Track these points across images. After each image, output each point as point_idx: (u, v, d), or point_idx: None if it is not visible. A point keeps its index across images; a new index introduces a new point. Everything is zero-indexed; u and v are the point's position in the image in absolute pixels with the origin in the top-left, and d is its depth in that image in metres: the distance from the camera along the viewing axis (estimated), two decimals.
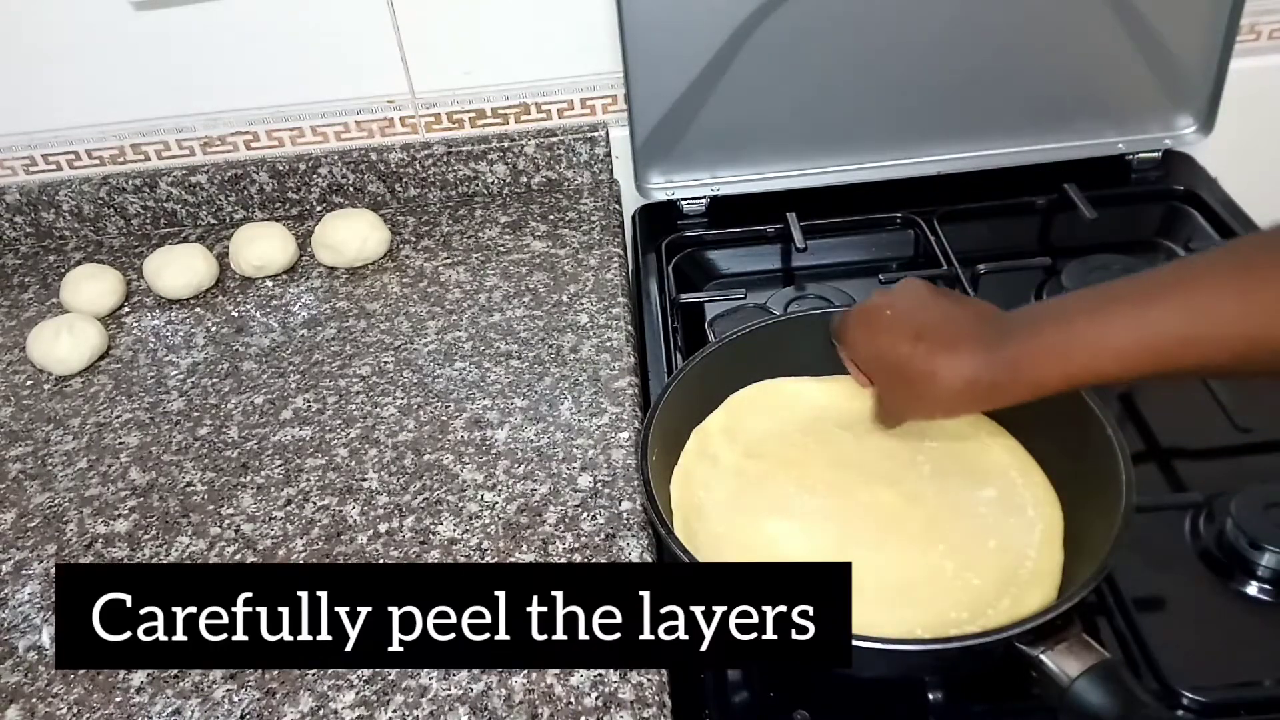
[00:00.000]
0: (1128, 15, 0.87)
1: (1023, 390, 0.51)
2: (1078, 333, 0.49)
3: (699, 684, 0.56)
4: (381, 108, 0.95)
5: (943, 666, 0.53)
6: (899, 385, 0.57)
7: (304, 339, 0.83)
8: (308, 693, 0.56)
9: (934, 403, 0.55)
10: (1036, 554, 0.56)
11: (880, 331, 0.57)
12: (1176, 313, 0.47)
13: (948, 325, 0.55)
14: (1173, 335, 0.47)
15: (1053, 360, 0.50)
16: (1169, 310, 0.47)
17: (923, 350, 0.54)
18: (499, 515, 0.65)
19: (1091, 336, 0.49)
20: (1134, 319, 0.48)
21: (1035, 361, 0.50)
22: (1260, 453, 0.67)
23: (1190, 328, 0.47)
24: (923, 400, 0.55)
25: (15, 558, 0.67)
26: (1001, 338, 0.51)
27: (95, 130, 0.95)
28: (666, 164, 0.94)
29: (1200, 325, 0.47)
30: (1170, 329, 0.47)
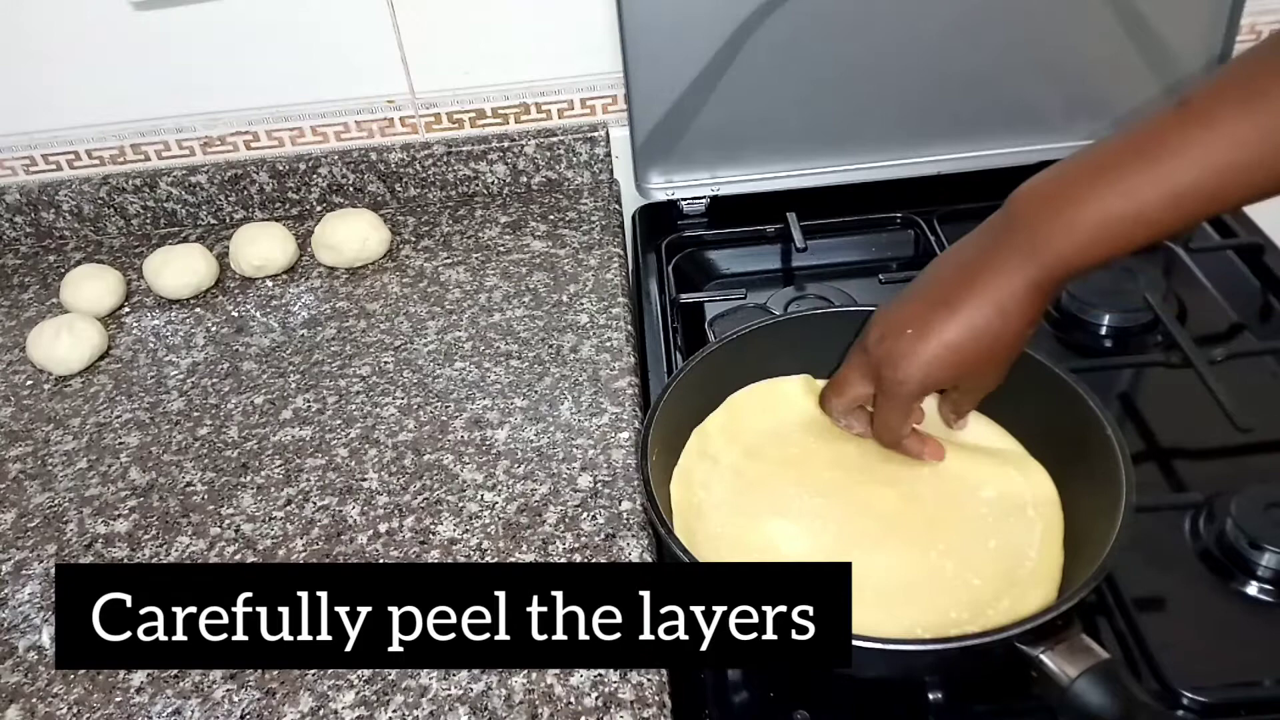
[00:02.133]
0: (1128, 15, 0.87)
1: (1064, 281, 0.51)
2: (1111, 211, 0.48)
3: (699, 684, 0.56)
4: (381, 108, 0.95)
5: (943, 666, 0.53)
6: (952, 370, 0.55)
7: (304, 339, 0.83)
8: (308, 693, 0.56)
9: (994, 349, 0.53)
10: (1036, 554, 0.56)
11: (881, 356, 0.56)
12: (1202, 151, 0.46)
13: (939, 275, 0.55)
14: (1208, 174, 0.46)
15: (1091, 248, 0.49)
16: (1196, 151, 0.46)
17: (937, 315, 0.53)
18: (499, 515, 0.65)
19: (1125, 209, 0.48)
20: (1160, 176, 0.47)
21: (1070, 255, 0.50)
22: (1260, 453, 0.67)
23: (1222, 161, 0.46)
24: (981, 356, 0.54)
25: (15, 558, 0.67)
26: (1020, 236, 0.51)
27: (95, 130, 0.95)
28: (666, 164, 0.94)
29: (1228, 155, 0.46)
30: (1203, 169, 0.46)
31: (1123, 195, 0.48)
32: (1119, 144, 0.49)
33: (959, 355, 0.54)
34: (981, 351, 0.54)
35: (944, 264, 0.56)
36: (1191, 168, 0.47)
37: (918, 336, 0.54)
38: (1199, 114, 0.47)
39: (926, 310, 0.55)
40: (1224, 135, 0.46)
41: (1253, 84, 0.46)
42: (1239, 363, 0.71)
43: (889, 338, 0.56)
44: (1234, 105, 0.46)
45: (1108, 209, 0.49)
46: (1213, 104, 0.47)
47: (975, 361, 0.54)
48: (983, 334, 0.53)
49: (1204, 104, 0.47)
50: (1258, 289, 0.81)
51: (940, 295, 0.54)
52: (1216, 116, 0.46)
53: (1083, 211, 0.49)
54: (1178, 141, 0.47)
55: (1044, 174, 0.52)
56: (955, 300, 0.53)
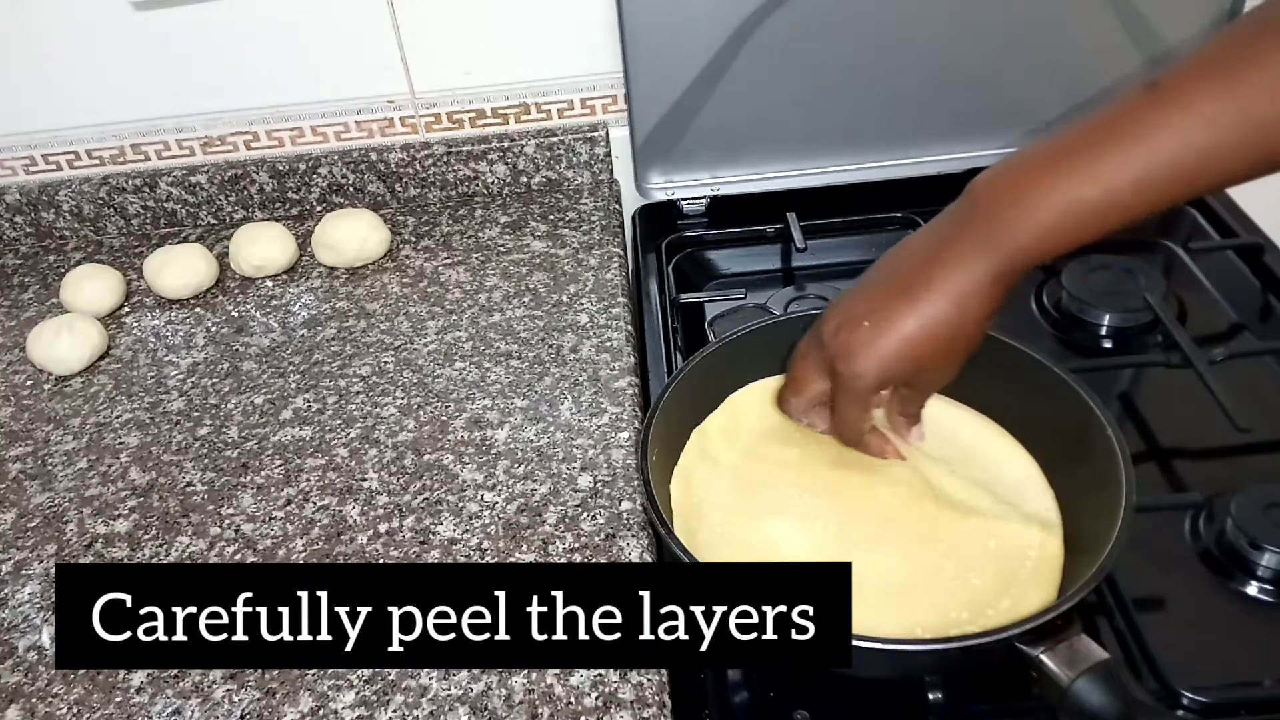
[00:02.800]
0: (1128, 15, 0.87)
1: (1026, 270, 0.50)
2: (1080, 196, 0.46)
3: (699, 684, 0.56)
4: (381, 108, 0.95)
5: (943, 666, 0.53)
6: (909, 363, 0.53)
7: (304, 339, 0.83)
8: (308, 693, 0.56)
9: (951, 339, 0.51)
10: (1036, 554, 0.56)
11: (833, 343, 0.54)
12: (1178, 132, 0.45)
13: (896, 266, 0.53)
14: (1179, 161, 0.45)
15: (1054, 235, 0.48)
16: (1169, 133, 0.45)
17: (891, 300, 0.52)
18: (499, 515, 0.65)
19: (1086, 189, 0.46)
20: (1131, 155, 0.45)
21: (1031, 243, 0.48)
22: (1260, 453, 0.67)
23: (1196, 148, 0.44)
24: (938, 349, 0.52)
25: (15, 558, 0.67)
26: (983, 223, 0.49)
27: (95, 130, 0.95)
28: (666, 164, 0.94)
29: (1208, 142, 0.44)
30: (1178, 151, 0.45)
31: (1089, 180, 0.46)
32: (1085, 127, 0.48)
33: (917, 348, 0.52)
34: (940, 344, 0.52)
35: (902, 252, 0.54)
36: (1163, 150, 0.45)
37: (874, 329, 0.53)
38: (1171, 95, 0.45)
39: (884, 301, 0.53)
40: (1197, 116, 0.44)
41: (1226, 64, 0.45)
42: (1239, 363, 0.71)
43: (845, 330, 0.54)
44: (1208, 86, 0.45)
45: (1072, 194, 0.47)
46: (1186, 85, 0.45)
47: (933, 354, 0.53)
48: (941, 326, 0.51)
49: (1176, 85, 0.45)
50: (1258, 289, 0.81)
51: (898, 285, 0.53)
52: (1189, 98, 0.45)
53: (1046, 198, 0.47)
54: (1149, 123, 0.45)
55: (1006, 159, 0.50)
56: (913, 290, 0.52)
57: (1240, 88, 0.44)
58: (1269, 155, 0.44)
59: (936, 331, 0.52)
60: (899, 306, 0.52)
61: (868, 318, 0.53)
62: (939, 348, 0.52)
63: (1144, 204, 0.46)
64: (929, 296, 0.51)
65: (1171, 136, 0.45)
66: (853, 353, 0.54)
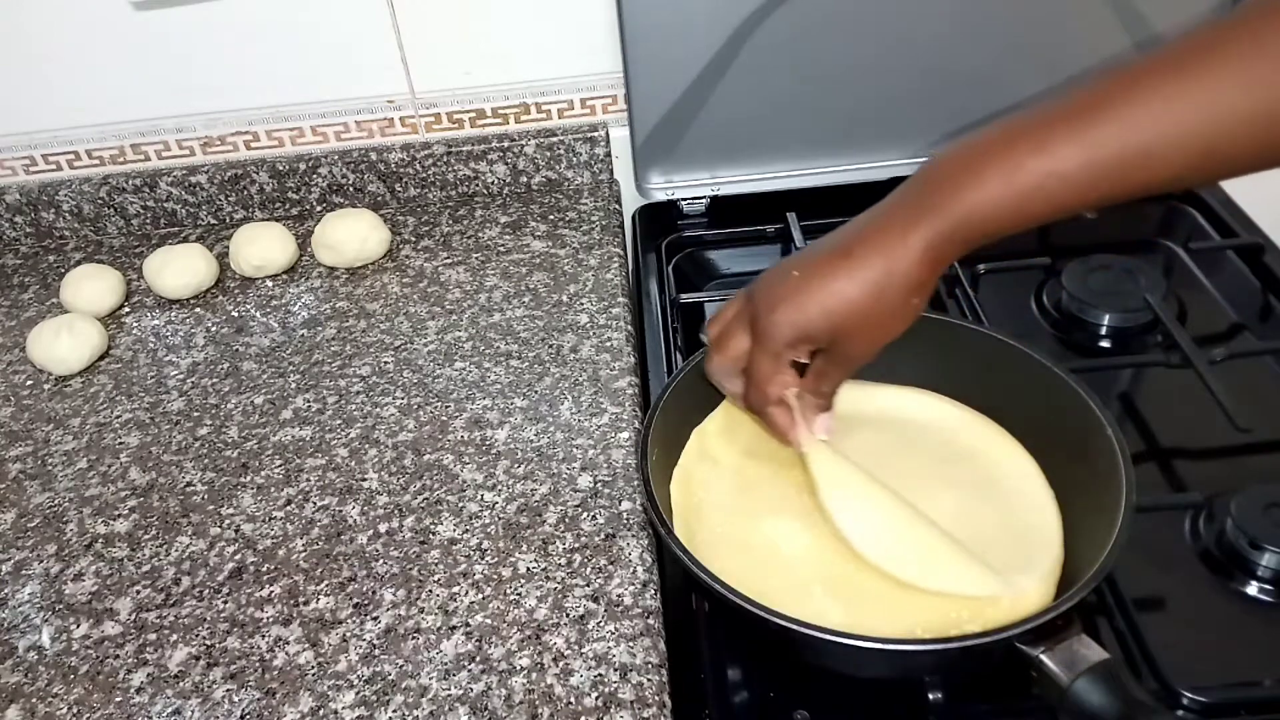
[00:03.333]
0: (1128, 15, 0.87)
1: (965, 244, 0.48)
2: (1023, 165, 0.45)
3: (699, 684, 0.56)
4: (381, 108, 0.95)
5: (943, 666, 0.53)
6: (837, 332, 0.52)
7: (304, 339, 0.83)
8: (308, 693, 0.56)
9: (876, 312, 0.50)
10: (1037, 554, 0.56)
11: (759, 305, 0.53)
12: (1125, 124, 0.44)
13: (842, 230, 0.52)
14: (1128, 150, 0.44)
15: (998, 208, 0.46)
16: (1120, 123, 0.44)
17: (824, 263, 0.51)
18: (499, 515, 0.65)
19: (1039, 166, 0.45)
20: (1083, 140, 0.45)
21: (973, 213, 0.47)
22: (1260, 453, 0.67)
23: (1142, 140, 0.43)
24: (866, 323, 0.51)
25: (15, 558, 0.67)
26: (928, 193, 0.49)
27: (95, 130, 0.95)
28: (666, 164, 0.94)
29: (1151, 135, 0.43)
30: (1122, 144, 0.44)
31: (1036, 157, 0.45)
32: (1044, 109, 0.47)
33: (840, 305, 0.51)
34: (863, 307, 0.51)
35: (851, 221, 0.53)
36: (1112, 138, 0.44)
37: (802, 279, 0.52)
38: (1127, 85, 0.45)
39: (817, 257, 0.52)
40: (1145, 108, 0.44)
41: (1181, 60, 0.44)
42: (1239, 363, 0.71)
43: (774, 280, 0.54)
44: (1161, 79, 0.44)
45: (1018, 169, 0.46)
46: (1142, 76, 0.44)
47: (854, 316, 0.51)
48: (868, 285, 0.50)
49: (1134, 75, 0.45)
50: (1258, 289, 0.81)
51: (836, 245, 0.52)
52: (1143, 89, 0.44)
53: (992, 171, 0.46)
54: (1102, 110, 0.45)
55: (967, 136, 0.49)
56: (849, 249, 0.51)
57: (1190, 85, 0.43)
58: (1211, 155, 0.44)
59: (863, 290, 0.50)
60: (830, 261, 0.51)
61: (798, 268, 0.53)
62: (862, 309, 0.51)
63: (1093, 189, 0.45)
64: (862, 255, 0.50)
65: (1121, 125, 0.44)
66: (774, 303, 0.53)
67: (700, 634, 0.59)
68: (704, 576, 0.51)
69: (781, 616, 0.49)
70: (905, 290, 0.50)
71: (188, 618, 0.61)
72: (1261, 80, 0.42)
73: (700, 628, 0.59)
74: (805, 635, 0.49)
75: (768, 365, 0.55)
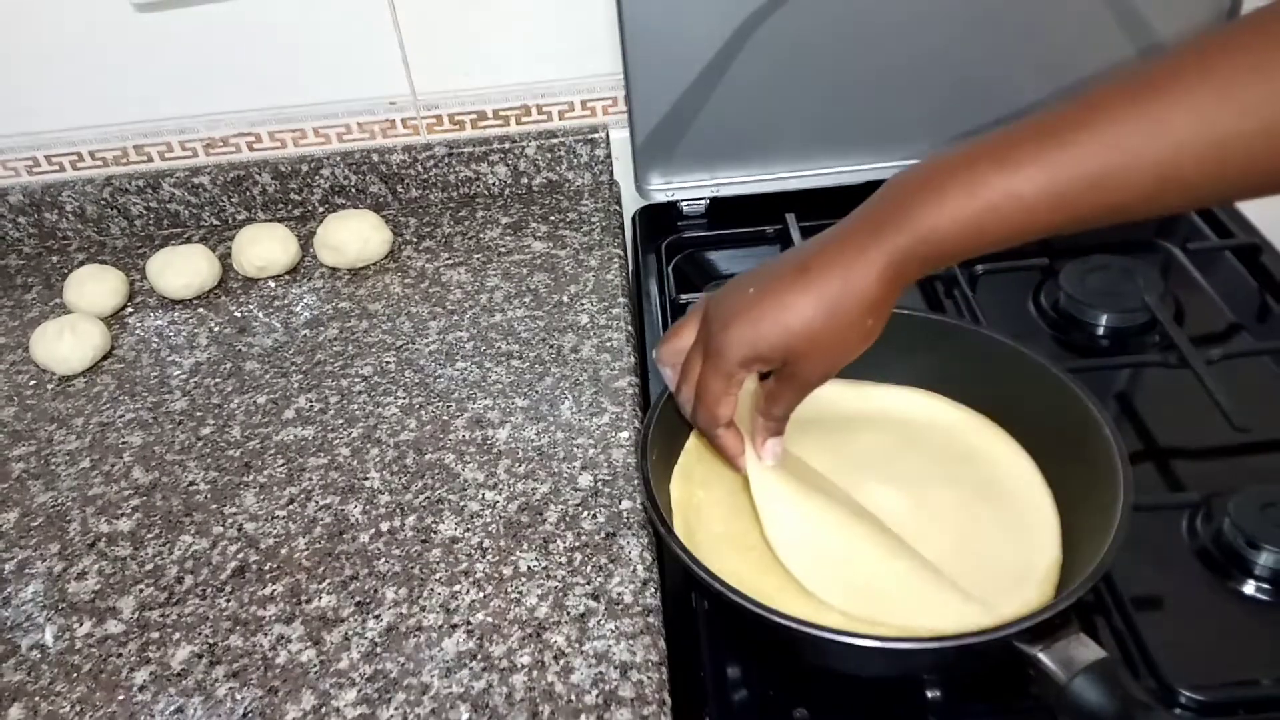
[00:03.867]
0: (1127, 15, 0.87)
1: (924, 264, 0.47)
2: (985, 182, 0.44)
3: (699, 682, 0.57)
4: (383, 109, 0.95)
5: (942, 665, 0.53)
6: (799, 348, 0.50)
7: (306, 339, 0.83)
8: (309, 691, 0.56)
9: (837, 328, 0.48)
10: (1035, 553, 0.56)
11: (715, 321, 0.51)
12: (1083, 149, 0.43)
13: (802, 247, 0.50)
14: (1087, 175, 0.43)
15: (962, 231, 0.45)
16: (1078, 148, 0.43)
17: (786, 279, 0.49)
18: (500, 514, 0.66)
19: (1000, 186, 0.44)
20: (1043, 162, 0.44)
21: (933, 233, 0.46)
22: (1258, 453, 0.67)
23: (1100, 166, 0.42)
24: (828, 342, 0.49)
25: (18, 556, 0.67)
26: (888, 210, 0.48)
27: (98, 131, 0.95)
28: (666, 165, 0.94)
29: (1107, 162, 0.42)
30: (1082, 169, 0.43)
31: (997, 180, 0.44)
32: (1010, 131, 0.46)
33: (796, 322, 0.49)
34: (818, 325, 0.49)
35: (814, 237, 0.52)
36: (1071, 164, 0.43)
37: (757, 295, 0.51)
38: (1089, 110, 0.44)
39: (776, 273, 0.51)
40: (1104, 136, 0.43)
41: (1140, 88, 0.43)
42: (1236, 363, 0.72)
43: (731, 295, 0.52)
44: (1120, 107, 0.43)
45: (979, 191, 0.45)
46: (1104, 102, 0.44)
47: (809, 336, 0.49)
48: (824, 305, 0.49)
49: (1097, 100, 0.44)
50: (1255, 289, 0.81)
51: (794, 260, 0.51)
52: (1103, 116, 0.43)
53: (953, 191, 0.45)
54: (1065, 134, 0.44)
55: (931, 155, 0.49)
56: (806, 266, 0.49)
57: (1142, 113, 0.42)
58: (1165, 184, 0.43)
59: (818, 308, 0.49)
60: (787, 278, 0.50)
61: (754, 285, 0.51)
62: (817, 328, 0.49)
63: (1054, 212, 0.44)
64: (819, 272, 0.49)
65: (1079, 149, 0.43)
66: (728, 320, 0.51)
67: (700, 633, 0.59)
68: (704, 575, 0.51)
69: (781, 615, 0.49)
70: (862, 309, 0.49)
71: (190, 616, 0.61)
72: (1208, 112, 0.41)
73: (700, 627, 0.59)
74: (805, 634, 0.49)
75: (718, 385, 0.53)
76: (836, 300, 0.49)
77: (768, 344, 0.51)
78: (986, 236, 0.46)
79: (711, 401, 0.54)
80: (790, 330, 0.50)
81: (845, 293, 0.48)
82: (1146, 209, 0.44)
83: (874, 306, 0.49)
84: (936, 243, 0.46)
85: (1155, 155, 0.42)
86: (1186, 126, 0.41)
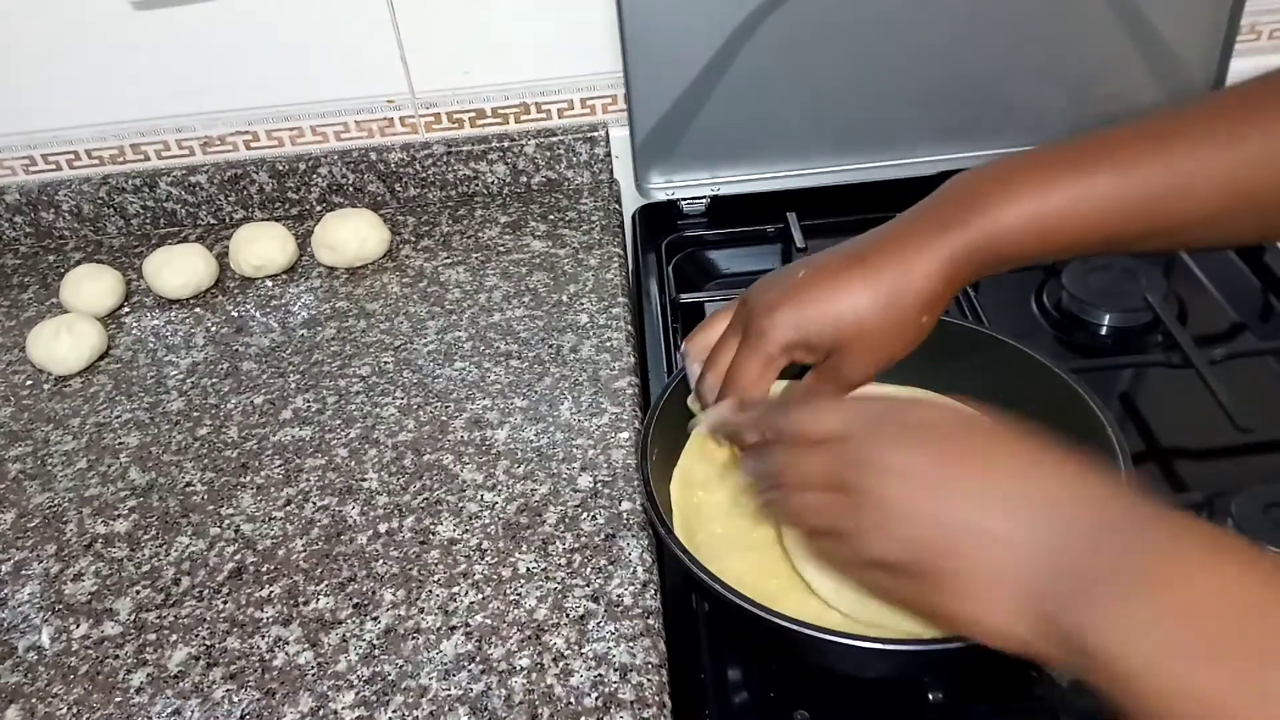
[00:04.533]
0: (1128, 15, 0.87)
1: (982, 266, 0.48)
2: (1057, 185, 0.46)
3: (699, 684, 0.56)
4: (381, 107, 0.95)
5: (944, 667, 0.53)
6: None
7: (304, 339, 0.83)
8: (307, 693, 0.56)
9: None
10: None
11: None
12: (1158, 167, 0.45)
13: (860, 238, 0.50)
14: (1155, 191, 0.45)
15: (1024, 235, 0.46)
16: (1151, 166, 0.45)
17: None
18: (499, 515, 0.65)
19: (1071, 190, 0.45)
20: (1119, 170, 0.45)
21: (1000, 238, 0.47)
22: (1261, 453, 0.67)
23: (1172, 181, 0.44)
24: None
25: (15, 558, 0.67)
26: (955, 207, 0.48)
27: (95, 130, 0.95)
28: (666, 164, 0.94)
29: (1181, 179, 0.44)
30: (1152, 186, 0.45)
31: (1072, 177, 0.46)
32: (1075, 143, 0.47)
33: (848, 310, 0.48)
34: (871, 316, 0.48)
35: (874, 229, 0.51)
36: (1101, 186, 0.45)
37: (809, 278, 0.49)
38: (1121, 141, 0.46)
39: (831, 260, 0.50)
40: (1130, 165, 0.45)
41: (1163, 131, 0.45)
42: (1239, 363, 0.71)
43: (777, 281, 0.50)
44: (1141, 144, 0.45)
45: (1041, 199, 0.46)
46: (1127, 138, 0.46)
47: (859, 325, 0.48)
48: (879, 296, 0.48)
49: (1131, 133, 0.46)
50: (1258, 289, 0.81)
51: (852, 249, 0.50)
52: (1130, 148, 0.46)
53: (1017, 195, 0.46)
54: (1101, 158, 0.46)
55: (998, 159, 0.49)
56: (864, 255, 0.49)
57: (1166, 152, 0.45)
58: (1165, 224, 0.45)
59: (874, 298, 0.48)
60: (843, 264, 0.49)
61: (806, 268, 0.50)
62: (869, 318, 0.48)
63: (1124, 224, 0.46)
64: (877, 263, 0.49)
65: (1158, 160, 0.45)
66: (775, 302, 0.50)
67: (700, 634, 0.59)
68: (704, 576, 0.51)
69: (781, 616, 0.49)
70: (918, 304, 0.48)
71: (187, 618, 0.61)
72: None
73: (700, 628, 0.59)
74: (805, 635, 0.49)
75: (754, 368, 0.52)
76: (893, 291, 0.48)
77: (815, 328, 0.49)
78: (1050, 241, 0.46)
79: (745, 385, 0.52)
80: (841, 317, 0.49)
81: (903, 285, 0.48)
82: (1211, 229, 0.46)
83: (930, 302, 0.48)
84: (1001, 243, 0.47)
85: (1227, 170, 0.44)
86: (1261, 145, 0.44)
